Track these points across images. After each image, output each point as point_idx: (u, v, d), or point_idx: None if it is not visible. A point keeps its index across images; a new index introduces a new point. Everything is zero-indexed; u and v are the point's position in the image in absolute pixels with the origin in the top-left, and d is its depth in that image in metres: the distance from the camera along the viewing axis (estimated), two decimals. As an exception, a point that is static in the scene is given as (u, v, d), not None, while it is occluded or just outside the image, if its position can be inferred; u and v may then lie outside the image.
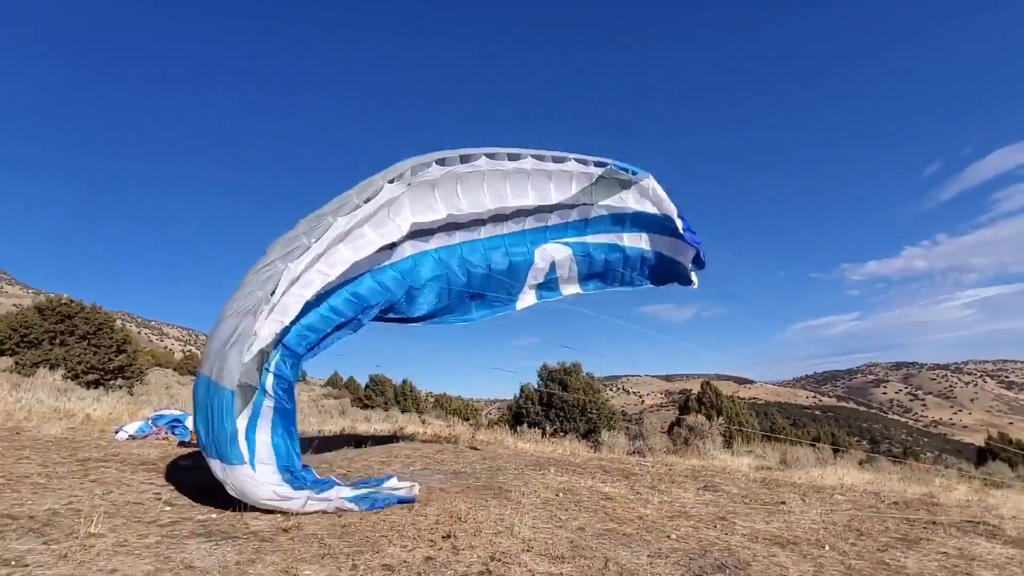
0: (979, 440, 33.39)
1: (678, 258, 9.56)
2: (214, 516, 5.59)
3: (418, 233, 7.91)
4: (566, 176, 8.32)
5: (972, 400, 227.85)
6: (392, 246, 7.66)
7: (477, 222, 8.24)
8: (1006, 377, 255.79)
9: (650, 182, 8.94)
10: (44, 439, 9.29)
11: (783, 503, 8.30)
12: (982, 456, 28.90)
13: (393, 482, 6.72)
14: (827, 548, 5.93)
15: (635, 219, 9.18)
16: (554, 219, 8.78)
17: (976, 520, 7.77)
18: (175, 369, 58.92)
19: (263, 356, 5.79)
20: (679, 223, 9.11)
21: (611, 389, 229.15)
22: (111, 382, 24.36)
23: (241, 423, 5.62)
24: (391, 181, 7.11)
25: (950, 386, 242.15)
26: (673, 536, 6.02)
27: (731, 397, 38.75)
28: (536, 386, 23.38)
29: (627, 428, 26.85)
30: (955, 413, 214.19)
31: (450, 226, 8.06)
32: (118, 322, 28.71)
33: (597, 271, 9.42)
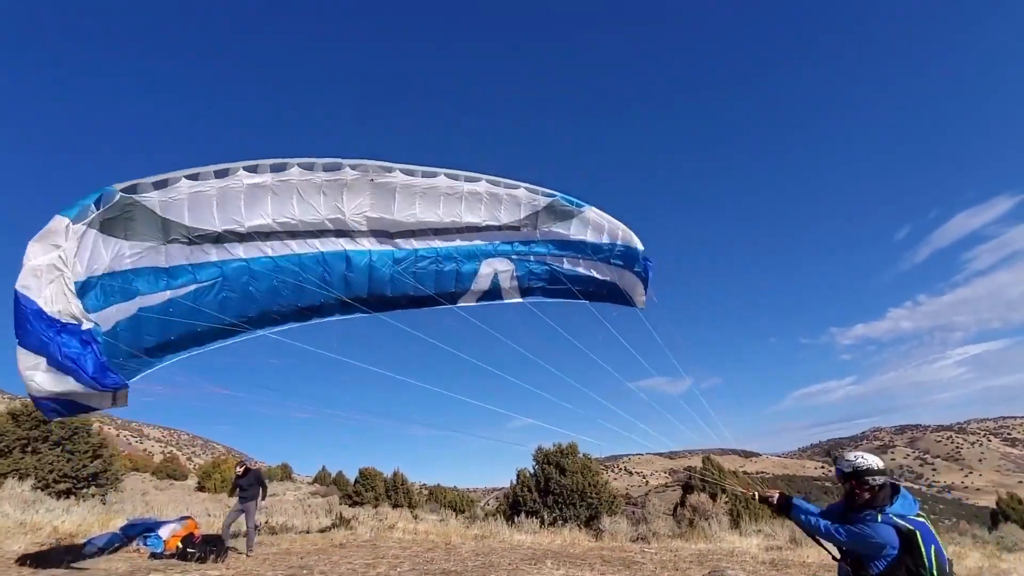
0: (992, 502, 32.26)
1: (617, 282, 10.39)
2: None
3: (377, 232, 8.37)
4: (515, 202, 9.07)
5: (980, 461, 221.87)
6: (338, 233, 8.07)
7: (430, 231, 8.82)
8: (1008, 434, 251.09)
9: (590, 214, 9.64)
10: (5, 556, 8.70)
11: (793, 585, 7.87)
12: (995, 519, 27.80)
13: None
14: (840, 633, 5.58)
15: (574, 246, 9.93)
16: (501, 237, 9.49)
17: (994, 592, 7.41)
18: (153, 473, 56.23)
19: None
20: (627, 248, 9.97)
21: (612, 470, 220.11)
22: (84, 490, 23.09)
23: None
24: (353, 168, 7.53)
25: (956, 447, 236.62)
26: (677, 629, 5.65)
27: (735, 472, 37.49)
28: (532, 471, 22.48)
29: (632, 512, 25.64)
30: (966, 476, 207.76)
31: (405, 233, 8.59)
32: (95, 425, 27.70)
33: (536, 286, 10.17)
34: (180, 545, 10.03)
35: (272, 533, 13.73)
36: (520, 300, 10.18)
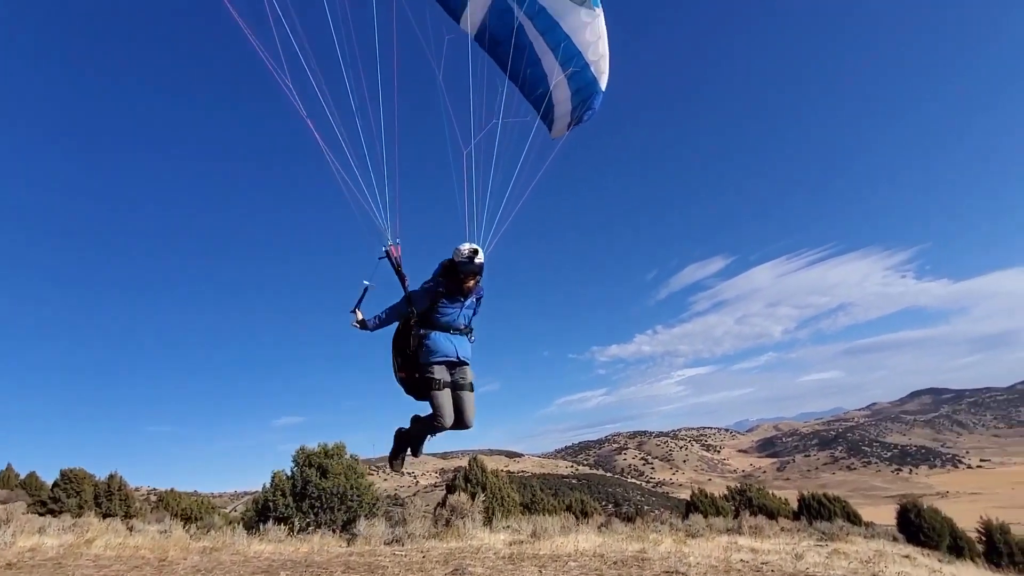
0: (688, 495, 40.21)
1: (555, 99, 8.05)
2: None
3: None
4: None
5: (684, 462, 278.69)
6: None
7: None
8: (706, 441, 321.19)
9: (598, 20, 7.40)
10: None
11: (521, 578, 8.48)
12: (688, 510, 34.73)
13: None
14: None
15: (557, 33, 7.59)
16: None
17: (671, 571, 9.01)
18: None
19: None
20: (592, 79, 7.78)
21: (383, 471, 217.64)
22: None
23: None
24: None
25: (669, 451, 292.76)
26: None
27: (497, 472, 40.02)
28: (289, 473, 20.73)
29: (393, 514, 25.36)
30: (673, 474, 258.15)
31: None
32: None
33: (494, 34, 7.63)
34: None
35: None
36: (470, 35, 7.66)
